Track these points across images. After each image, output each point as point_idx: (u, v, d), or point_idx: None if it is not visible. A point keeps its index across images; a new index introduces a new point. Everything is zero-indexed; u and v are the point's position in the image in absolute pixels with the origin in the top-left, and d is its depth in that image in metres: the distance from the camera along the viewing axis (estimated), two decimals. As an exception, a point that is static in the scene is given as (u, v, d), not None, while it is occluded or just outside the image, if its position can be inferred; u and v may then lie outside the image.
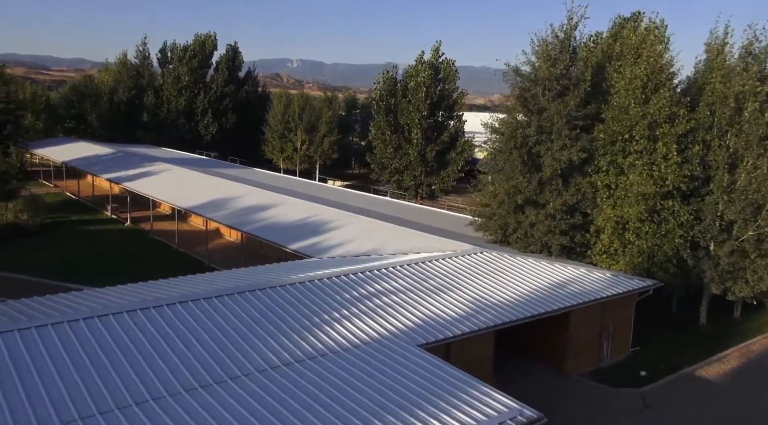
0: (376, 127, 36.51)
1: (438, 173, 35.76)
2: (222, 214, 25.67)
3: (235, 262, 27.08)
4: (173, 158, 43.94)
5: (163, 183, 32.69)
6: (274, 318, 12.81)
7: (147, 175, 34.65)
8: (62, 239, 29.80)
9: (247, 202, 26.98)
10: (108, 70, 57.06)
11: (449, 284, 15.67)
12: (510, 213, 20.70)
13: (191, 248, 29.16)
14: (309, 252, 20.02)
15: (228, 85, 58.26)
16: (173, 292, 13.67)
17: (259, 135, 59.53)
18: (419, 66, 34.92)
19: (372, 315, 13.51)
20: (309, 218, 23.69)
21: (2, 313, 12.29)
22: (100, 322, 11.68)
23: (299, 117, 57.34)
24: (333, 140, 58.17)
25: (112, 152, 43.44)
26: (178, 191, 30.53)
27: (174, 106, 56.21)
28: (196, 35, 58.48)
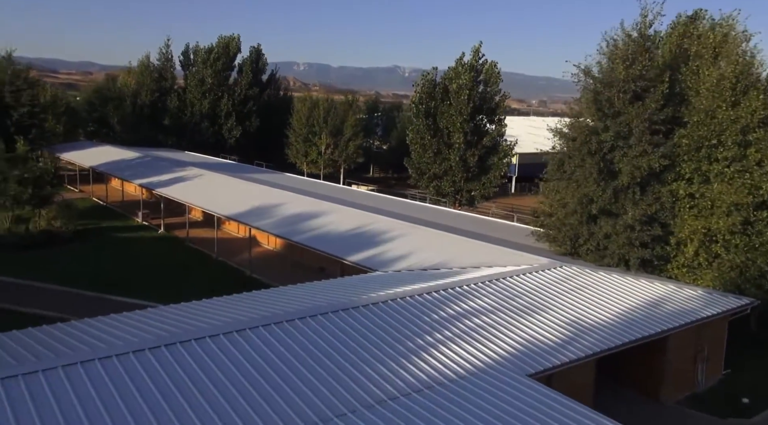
0: (414, 131, 35.33)
1: (478, 179, 34.51)
2: (268, 222, 24.56)
3: (277, 271, 26.05)
4: (200, 162, 43.03)
5: (199, 189, 31.67)
6: (367, 344, 11.64)
7: (180, 180, 33.66)
8: (96, 247, 28.84)
9: (291, 209, 25.87)
10: (131, 73, 56.27)
11: (539, 303, 14.46)
12: (582, 223, 19.46)
13: (230, 257, 28.09)
14: (371, 265, 18.85)
15: (252, 88, 57.37)
16: (251, 313, 12.54)
17: (281, 139, 58.64)
18: (459, 68, 33.73)
19: (468, 339, 12.31)
20: (362, 227, 22.53)
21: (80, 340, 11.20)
22: (184, 348, 10.56)
23: (324, 120, 56.40)
24: (358, 144, 57.15)
25: (138, 156, 42.54)
26: (215, 198, 29.47)
27: (198, 109, 55.41)
28: (219, 37, 57.66)
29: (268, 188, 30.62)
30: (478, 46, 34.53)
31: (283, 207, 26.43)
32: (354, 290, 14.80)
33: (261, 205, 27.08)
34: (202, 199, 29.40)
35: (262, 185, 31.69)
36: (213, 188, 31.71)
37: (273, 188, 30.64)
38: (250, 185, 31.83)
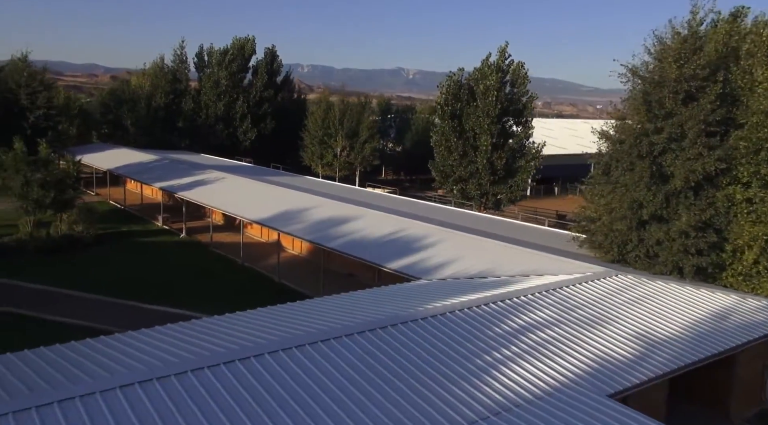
0: (438, 133, 34.59)
1: (505, 182, 33.74)
2: (298, 228, 23.87)
3: (305, 277, 25.35)
4: (218, 165, 42.42)
5: (222, 193, 31.02)
6: (433, 361, 10.90)
7: (202, 184, 33.03)
8: (118, 252, 28.23)
9: (320, 214, 25.18)
10: (145, 75, 55.82)
11: (602, 316, 13.68)
12: (632, 229, 18.66)
13: (256, 263, 27.41)
14: (412, 273, 18.12)
15: (267, 90, 56.82)
16: (306, 326, 11.81)
17: (296, 141, 58.05)
18: (486, 69, 33.00)
19: (537, 356, 11.55)
20: (397, 232, 21.80)
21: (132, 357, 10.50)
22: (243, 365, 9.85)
23: (339, 122, 55.78)
24: (374, 146, 56.50)
25: (156, 159, 41.99)
26: (240, 202, 28.82)
27: (212, 111, 54.89)
28: (234, 38, 57.16)
29: (292, 192, 29.95)
30: (505, 46, 33.80)
31: (311, 212, 25.73)
32: (406, 302, 14.08)
33: (288, 209, 26.41)
34: (227, 203, 28.75)
35: (285, 189, 31.02)
36: (236, 192, 31.06)
37: (297, 192, 29.97)
38: (273, 189, 31.17)
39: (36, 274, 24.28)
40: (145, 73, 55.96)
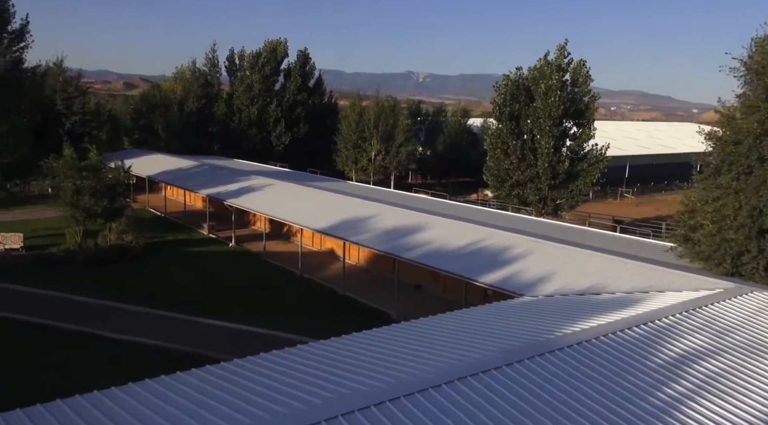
0: (495, 135, 33.04)
1: (565, 186, 32.07)
2: (365, 237, 22.43)
3: (370, 289, 23.91)
4: (257, 170, 41.24)
5: (274, 201, 29.70)
6: (604, 400, 9.33)
7: (249, 191, 31.76)
8: (170, 263, 27.01)
9: (385, 222, 23.72)
10: (177, 79, 54.93)
11: (762, 341, 12.02)
12: (750, 239, 16.96)
13: (315, 274, 26.04)
14: (510, 288, 16.58)
15: (300, 93, 55.65)
16: (449, 358, 10.30)
17: (328, 145, 56.83)
18: (545, 68, 31.39)
19: (709, 392, 9.94)
20: (476, 242, 20.27)
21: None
22: (393, 405, 8.36)
23: (374, 126, 54.43)
24: (410, 150, 55.09)
25: (195, 165, 40.91)
26: (296, 210, 27.47)
27: (245, 115, 53.83)
28: (266, 41, 56.08)
29: (347, 198, 28.53)
30: (564, 44, 32.18)
31: (375, 220, 24.29)
32: (534, 323, 12.52)
33: (350, 217, 24.99)
34: (282, 211, 27.39)
35: (337, 195, 29.61)
36: (288, 199, 29.72)
37: (351, 198, 28.54)
38: (324, 195, 29.78)
39: (88, 287, 23.11)
40: (177, 77, 55.06)
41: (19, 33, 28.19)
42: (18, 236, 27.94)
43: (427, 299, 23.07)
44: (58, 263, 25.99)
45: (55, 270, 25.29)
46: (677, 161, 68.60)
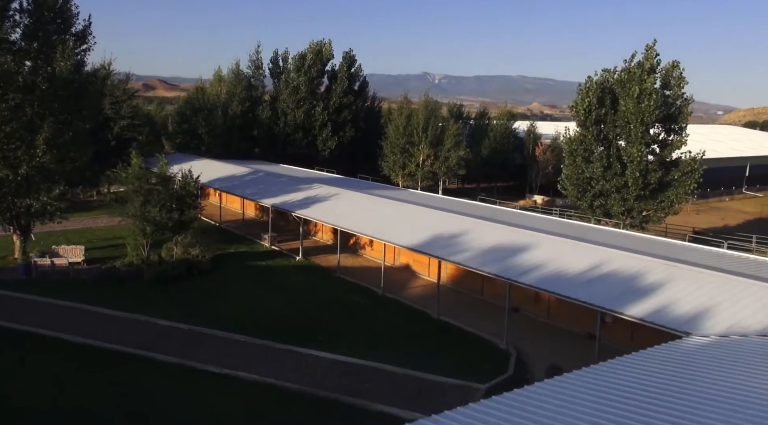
0: (576, 141, 30.79)
1: (654, 197, 29.70)
2: (465, 257, 20.37)
3: (466, 312, 21.88)
4: (312, 177, 39.52)
5: (347, 212, 27.82)
6: None
7: (316, 201, 29.95)
8: (239, 280, 25.28)
9: (482, 239, 21.66)
10: (221, 82, 53.56)
11: None
12: None
13: (399, 293, 24.10)
14: (666, 324, 14.40)
15: (346, 96, 53.89)
16: None
17: (373, 149, 55.02)
18: (635, 70, 29.05)
19: None
20: (600, 265, 18.11)
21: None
22: None
23: (423, 130, 52.49)
24: (461, 155, 53.02)
25: (249, 172, 39.30)
26: (374, 224, 25.54)
27: (291, 119, 52.21)
28: (311, 43, 54.41)
29: (426, 210, 26.50)
30: (652, 44, 29.83)
31: (468, 236, 22.24)
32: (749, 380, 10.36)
33: (439, 232, 22.98)
34: (362, 225, 25.46)
35: (414, 206, 27.62)
36: (361, 211, 27.82)
37: (430, 210, 26.52)
38: (401, 207, 27.79)
39: (164, 308, 21.45)
40: (221, 80, 53.68)
41: (81, 35, 26.76)
42: (79, 249, 26.49)
43: (531, 325, 21.00)
44: (125, 279, 24.43)
45: (122, 287, 23.72)
46: (725, 165, 65.45)
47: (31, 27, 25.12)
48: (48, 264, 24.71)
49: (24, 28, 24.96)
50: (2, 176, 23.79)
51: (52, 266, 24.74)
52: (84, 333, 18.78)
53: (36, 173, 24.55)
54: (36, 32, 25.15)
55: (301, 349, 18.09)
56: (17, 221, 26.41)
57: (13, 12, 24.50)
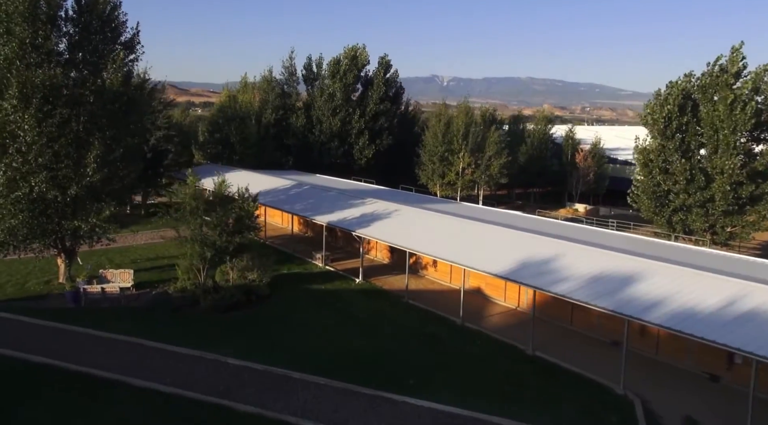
0: (652, 152, 28.61)
1: (741, 212, 27.42)
2: (566, 287, 18.22)
3: (561, 346, 19.71)
4: (352, 189, 37.65)
5: (412, 231, 25.77)
6: None
7: (375, 218, 27.95)
8: (300, 307, 23.34)
9: (582, 267, 19.50)
10: (254, 89, 51.88)
11: None
12: None
13: (479, 322, 22.04)
14: None
15: (383, 103, 51.97)
16: None
17: (411, 158, 53.09)
18: (719, 76, 26.81)
19: None
20: (738, 301, 15.93)
21: None
22: None
23: (463, 137, 50.47)
24: (502, 162, 50.91)
25: (293, 184, 37.46)
26: (448, 245, 23.48)
27: (326, 127, 50.38)
28: (345, 48, 52.56)
29: (502, 230, 24.43)
30: (738, 46, 27.58)
31: (562, 262, 20.10)
32: None
33: (526, 257, 20.86)
34: (434, 247, 23.40)
35: (483, 224, 25.56)
36: (425, 229, 25.77)
37: (507, 230, 24.45)
38: (471, 225, 25.68)
39: (226, 341, 19.54)
40: (254, 87, 51.99)
41: (129, 44, 25.07)
42: (128, 273, 24.72)
43: (640, 363, 18.78)
44: (179, 307, 22.60)
45: (178, 317, 21.90)
46: None
47: (77, 37, 23.47)
48: (98, 292, 22.94)
49: (69, 37, 23.30)
50: (50, 197, 22.04)
51: (102, 294, 22.96)
52: (150, 376, 16.90)
53: (85, 193, 22.80)
54: (83, 42, 23.48)
55: (394, 396, 16.05)
56: (62, 243, 24.70)
57: (60, 21, 22.85)
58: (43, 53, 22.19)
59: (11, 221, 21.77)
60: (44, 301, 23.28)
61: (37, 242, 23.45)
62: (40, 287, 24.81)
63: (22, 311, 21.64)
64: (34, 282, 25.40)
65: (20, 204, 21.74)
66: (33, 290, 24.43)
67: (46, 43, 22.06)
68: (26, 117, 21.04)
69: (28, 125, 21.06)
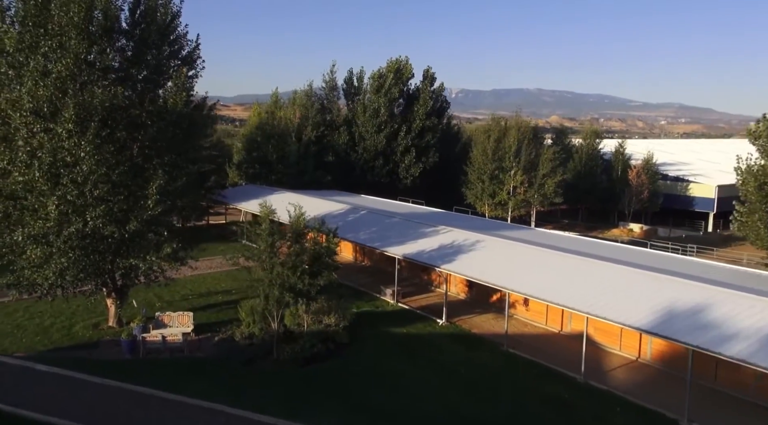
0: (766, 175, 25.42)
1: None
2: (742, 348, 15.08)
3: (717, 414, 16.33)
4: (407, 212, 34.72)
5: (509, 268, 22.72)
6: None
7: (455, 250, 24.94)
8: (388, 356, 20.31)
9: (742, 319, 16.37)
10: (294, 105, 49.35)
11: None
12: None
13: (603, 380, 18.81)
14: None
15: (429, 118, 49.25)
16: None
17: (457, 176, 50.21)
18: None
19: None
20: None
21: None
22: None
23: (515, 155, 47.53)
24: (558, 181, 47.87)
25: (347, 208, 34.63)
26: (558, 285, 20.42)
27: (371, 144, 47.66)
28: (388, 61, 50.06)
29: (616, 267, 21.32)
30: None
31: (720, 312, 16.94)
32: None
33: (666, 305, 17.71)
34: (544, 289, 20.31)
35: (584, 259, 22.50)
36: (524, 265, 22.70)
37: (622, 266, 21.35)
38: (569, 260, 22.65)
39: (316, 404, 16.55)
40: (294, 103, 49.49)
41: (188, 58, 22.52)
42: (187, 316, 21.86)
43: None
44: (252, 358, 19.67)
45: (254, 372, 18.94)
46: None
47: (134, 51, 20.91)
48: (158, 340, 20.06)
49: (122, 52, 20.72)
50: (107, 233, 19.29)
51: (163, 343, 20.09)
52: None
53: (145, 227, 20.04)
54: (140, 57, 20.90)
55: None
56: (113, 282, 21.93)
57: (116, 36, 20.30)
58: (98, 70, 19.65)
59: (62, 261, 19.04)
60: (96, 350, 20.46)
61: (88, 282, 20.72)
62: (89, 333, 22.02)
63: (75, 364, 18.78)
64: (81, 326, 22.63)
65: (72, 241, 19.02)
66: (81, 336, 21.63)
67: (103, 58, 19.50)
68: (83, 143, 18.37)
69: (85, 152, 18.38)
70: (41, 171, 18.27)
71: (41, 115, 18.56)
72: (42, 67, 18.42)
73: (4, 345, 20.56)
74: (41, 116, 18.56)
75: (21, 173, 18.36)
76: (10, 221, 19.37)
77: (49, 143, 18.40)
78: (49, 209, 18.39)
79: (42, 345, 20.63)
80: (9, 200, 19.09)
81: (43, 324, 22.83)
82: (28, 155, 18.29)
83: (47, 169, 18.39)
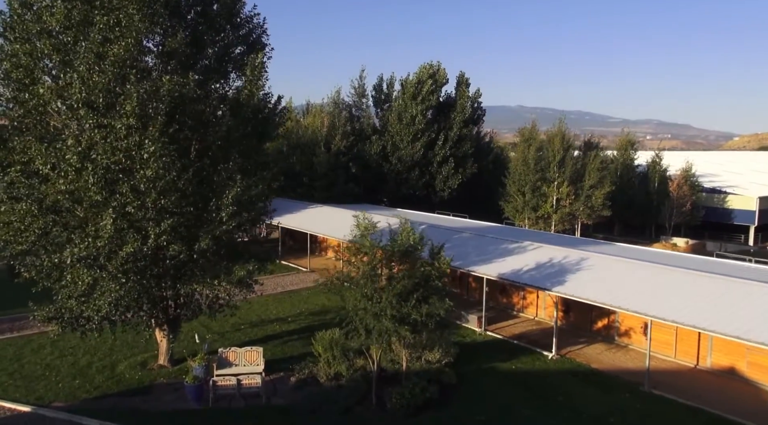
0: None
1: None
2: None
3: None
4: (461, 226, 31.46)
5: (626, 289, 19.44)
6: None
7: (565, 270, 21.57)
8: (508, 403, 16.74)
9: None
10: (321, 113, 46.02)
11: None
12: None
13: None
14: None
15: (467, 126, 46.24)
16: None
17: (495, 188, 47.20)
18: None
19: None
20: None
21: None
22: None
23: (559, 165, 44.67)
24: (606, 192, 45.06)
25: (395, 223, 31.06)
26: (708, 313, 17.16)
27: (406, 154, 44.40)
28: (421, 66, 47.00)
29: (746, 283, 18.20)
30: None
31: None
32: None
33: None
34: (708, 319, 16.97)
35: (719, 276, 19.35)
36: (649, 286, 19.45)
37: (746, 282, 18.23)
38: (697, 278, 19.47)
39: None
40: (321, 111, 46.16)
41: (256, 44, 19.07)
42: (257, 352, 18.07)
43: None
44: (347, 406, 15.98)
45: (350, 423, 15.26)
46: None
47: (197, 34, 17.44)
48: (233, 385, 16.26)
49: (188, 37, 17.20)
50: (172, 253, 15.59)
51: (237, 388, 16.29)
52: None
53: (215, 245, 16.39)
54: (205, 41, 17.46)
55: None
56: (165, 312, 18.11)
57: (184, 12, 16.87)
58: (162, 55, 16.17)
59: (116, 289, 15.27)
60: (151, 396, 16.60)
61: (141, 313, 16.92)
62: (138, 374, 18.11)
63: (132, 417, 14.95)
64: (126, 365, 18.71)
65: (128, 265, 15.29)
66: (130, 379, 17.72)
67: (168, 41, 16.02)
68: (146, 142, 14.77)
69: (149, 154, 14.77)
70: (95, 177, 14.60)
71: (94, 107, 14.95)
72: (97, 48, 14.87)
73: (38, 391, 16.62)
74: (94, 108, 14.95)
75: (69, 180, 14.67)
76: (48, 240, 15.63)
77: (103, 142, 14.79)
78: (104, 224, 14.68)
79: (84, 392, 16.72)
80: (50, 214, 15.35)
81: (78, 362, 18.88)
82: (79, 157, 14.62)
83: (102, 174, 14.74)
